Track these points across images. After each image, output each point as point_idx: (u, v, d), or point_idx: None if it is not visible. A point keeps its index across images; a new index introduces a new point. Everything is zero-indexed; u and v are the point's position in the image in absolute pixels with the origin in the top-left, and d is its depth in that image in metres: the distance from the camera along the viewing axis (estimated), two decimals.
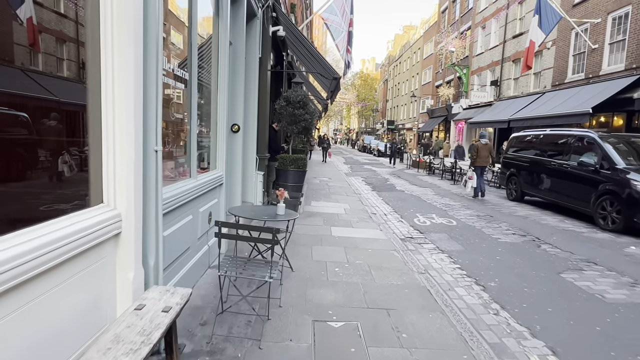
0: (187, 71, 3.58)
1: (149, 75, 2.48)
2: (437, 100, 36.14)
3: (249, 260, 3.44)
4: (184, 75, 3.53)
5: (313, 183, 13.47)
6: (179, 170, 3.73)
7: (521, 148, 11.60)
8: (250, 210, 4.29)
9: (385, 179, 16.77)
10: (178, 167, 3.73)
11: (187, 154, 3.75)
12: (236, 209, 4.27)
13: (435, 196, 12.05)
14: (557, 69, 18.53)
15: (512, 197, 11.55)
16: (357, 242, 6.03)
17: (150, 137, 2.51)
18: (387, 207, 9.84)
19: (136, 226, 2.31)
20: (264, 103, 7.30)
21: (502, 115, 20.93)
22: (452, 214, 9.10)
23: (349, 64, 15.38)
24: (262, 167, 7.41)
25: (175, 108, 3.47)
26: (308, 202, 9.37)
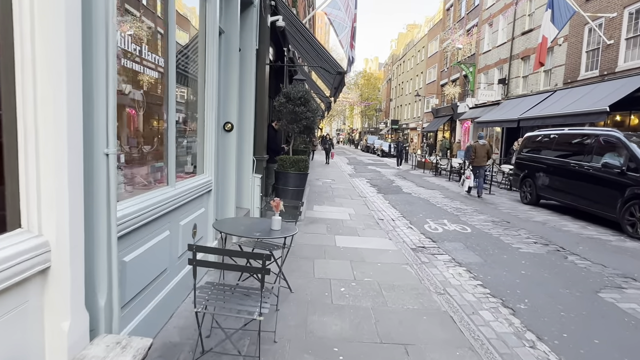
0: (162, 57, 2.97)
1: (95, 55, 1.87)
2: (442, 100, 35.45)
3: (237, 286, 2.82)
4: (157, 61, 2.91)
5: (316, 185, 12.85)
6: (155, 177, 3.11)
7: (536, 148, 10.94)
8: (240, 224, 3.65)
9: (391, 181, 16.13)
10: (154, 172, 3.12)
11: (164, 157, 3.14)
12: (225, 222, 3.64)
13: (445, 199, 11.40)
14: (569, 66, 17.84)
15: (527, 200, 10.89)
16: (365, 254, 5.40)
17: (98, 137, 1.91)
18: (395, 212, 9.21)
19: (73, 257, 1.69)
20: (262, 100, 6.69)
21: (511, 114, 20.24)
22: (466, 220, 8.46)
23: (352, 60, 14.75)
24: (260, 170, 6.80)
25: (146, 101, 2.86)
26: (310, 207, 8.75)
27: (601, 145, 8.48)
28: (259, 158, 6.74)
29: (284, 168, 6.80)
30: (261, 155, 6.79)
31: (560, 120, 15.29)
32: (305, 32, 7.79)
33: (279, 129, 7.47)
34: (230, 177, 5.27)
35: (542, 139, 10.74)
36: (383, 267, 4.91)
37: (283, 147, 8.03)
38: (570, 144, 9.60)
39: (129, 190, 2.70)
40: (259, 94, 6.68)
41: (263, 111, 6.76)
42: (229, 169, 5.26)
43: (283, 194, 6.92)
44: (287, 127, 6.94)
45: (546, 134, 10.67)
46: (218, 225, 3.25)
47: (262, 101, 6.72)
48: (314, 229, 6.68)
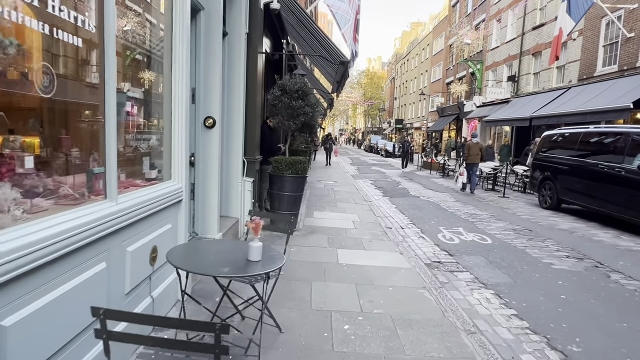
0: (91, 17, 2.12)
1: None
2: (447, 98, 34.52)
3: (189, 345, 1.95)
4: (83, 23, 2.07)
5: (317, 188, 12.00)
6: (92, 187, 2.27)
7: (556, 148, 10.04)
8: (208, 251, 2.69)
9: (397, 182, 15.26)
10: (90, 181, 2.27)
11: (103, 160, 2.29)
12: (187, 251, 2.68)
13: (457, 203, 10.52)
14: (584, 61, 16.91)
15: (547, 204, 9.99)
16: (373, 273, 4.54)
17: None
18: (403, 218, 8.34)
19: None
20: (254, 94, 5.85)
21: (522, 113, 19.33)
22: (483, 228, 7.58)
23: (356, 54, 13.88)
24: (251, 173, 5.96)
25: (61, 81, 2.02)
26: (310, 213, 7.90)
27: (635, 145, 7.59)
28: (250, 159, 5.91)
29: (279, 171, 5.96)
30: (253, 156, 5.95)
31: (578, 119, 14.38)
32: (304, 18, 6.95)
33: (275, 126, 6.62)
34: (212, 181, 4.43)
35: (564, 137, 9.84)
36: (396, 292, 4.05)
37: (279, 146, 7.19)
38: (597, 143, 8.70)
39: (42, 209, 1.86)
40: (250, 87, 5.84)
41: (255, 106, 5.92)
42: (210, 172, 4.42)
43: (278, 201, 6.08)
44: (283, 124, 6.09)
45: (569, 133, 9.77)
46: (172, 257, 2.34)
47: (253, 95, 5.88)
48: (313, 241, 5.82)
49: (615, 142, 8.06)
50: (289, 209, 6.09)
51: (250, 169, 5.95)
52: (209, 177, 4.42)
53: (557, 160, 9.77)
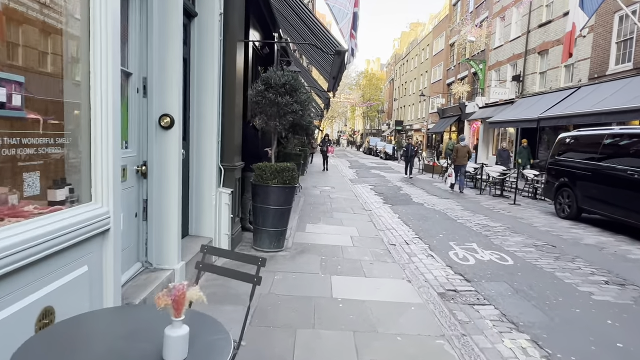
0: None
1: None
2: (448, 99, 33.64)
3: None
4: None
5: (312, 194, 11.05)
6: None
7: (575, 151, 9.12)
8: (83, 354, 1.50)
9: (398, 187, 14.32)
10: None
11: None
12: (45, 350, 1.46)
13: (466, 212, 9.58)
14: (595, 59, 16.01)
15: (565, 214, 9.06)
16: (375, 313, 3.59)
17: None
18: (408, 231, 7.40)
19: None
20: (232, 89, 4.90)
21: (528, 114, 18.43)
22: (499, 244, 6.64)
23: (353, 52, 12.96)
24: (230, 182, 5.01)
25: None
26: (302, 226, 6.95)
27: None
28: (228, 166, 4.96)
29: (263, 180, 5.00)
30: (232, 163, 5.00)
31: (591, 119, 13.45)
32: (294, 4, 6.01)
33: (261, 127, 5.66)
34: (170, 196, 3.47)
35: (584, 140, 8.92)
36: (406, 344, 3.09)
37: (267, 150, 6.24)
38: (624, 145, 7.77)
39: None
40: (228, 82, 4.90)
41: (235, 104, 4.97)
42: (168, 184, 3.46)
43: (261, 216, 5.12)
44: (267, 124, 5.14)
45: (589, 134, 8.85)
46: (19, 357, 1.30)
47: (232, 91, 4.93)
48: (302, 264, 4.86)
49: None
50: (275, 225, 5.14)
51: (228, 178, 5.01)
52: (167, 190, 3.46)
53: (576, 165, 8.84)
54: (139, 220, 3.40)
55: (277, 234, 5.21)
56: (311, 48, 10.09)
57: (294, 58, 13.06)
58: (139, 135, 3.31)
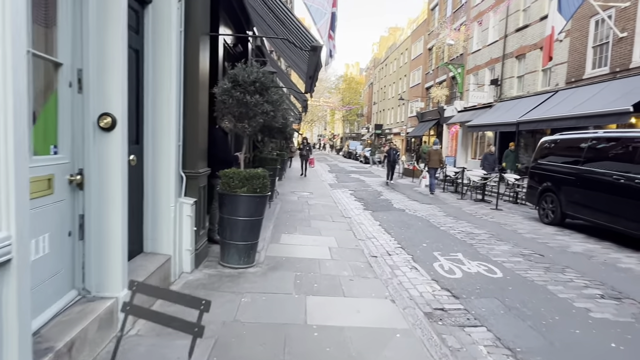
0: None
1: None
2: (427, 103, 33.72)
3: None
4: None
5: (289, 201, 10.54)
6: None
7: (558, 155, 8.92)
8: None
9: (378, 192, 13.95)
10: None
11: None
12: None
13: (448, 218, 9.25)
14: (572, 63, 16.09)
15: (549, 219, 8.83)
16: (356, 344, 3.11)
17: None
18: (390, 240, 6.98)
19: None
20: (195, 88, 4.37)
21: (507, 117, 18.43)
22: (486, 253, 6.28)
23: (331, 53, 12.56)
24: (194, 191, 4.47)
25: None
26: (277, 237, 6.43)
27: None
28: (191, 173, 4.42)
29: (231, 188, 4.48)
30: (195, 170, 4.46)
31: (571, 123, 13.43)
32: None
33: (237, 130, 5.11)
34: (113, 210, 2.92)
35: (567, 143, 8.72)
36: None
37: (237, 155, 5.70)
38: (609, 150, 7.57)
39: None
40: (190, 78, 4.37)
41: (197, 104, 4.44)
42: (110, 195, 2.91)
43: (229, 229, 4.59)
44: (235, 126, 4.61)
45: (573, 138, 8.65)
46: None
47: (194, 89, 4.40)
48: (275, 282, 4.35)
49: (636, 149, 6.93)
50: (245, 238, 4.62)
51: (192, 187, 4.47)
52: (109, 203, 2.91)
53: (560, 170, 8.63)
54: (74, 240, 2.84)
55: (247, 248, 4.68)
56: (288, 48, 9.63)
57: (271, 59, 12.56)
58: (72, 138, 2.76)
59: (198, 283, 4.13)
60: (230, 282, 4.23)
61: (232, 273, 4.51)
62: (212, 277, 4.33)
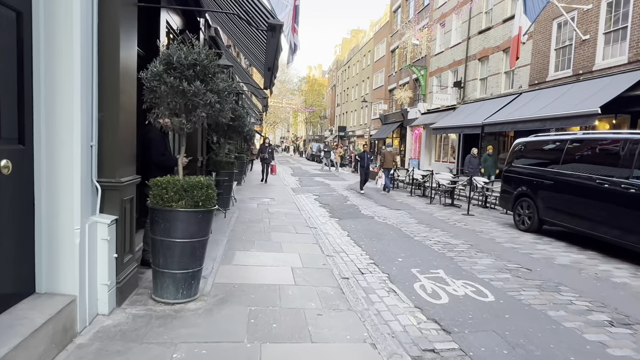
0: None
1: None
2: (391, 105, 33.52)
3: None
4: None
5: (248, 209, 9.50)
6: None
7: (534, 159, 8.45)
8: None
9: (344, 198, 13.16)
10: None
11: None
12: None
13: (421, 226, 8.56)
14: (535, 66, 16.06)
15: (525, 226, 8.33)
16: None
17: None
18: (361, 254, 6.15)
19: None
20: (113, 70, 3.32)
21: (471, 120, 18.24)
22: (469, 269, 5.57)
23: (295, 48, 11.64)
24: (114, 205, 3.41)
25: None
26: (230, 255, 5.42)
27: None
28: (111, 183, 3.37)
29: (164, 201, 3.46)
30: (115, 178, 3.40)
31: (537, 125, 13.25)
32: None
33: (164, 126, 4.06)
34: None
35: (546, 146, 8.27)
36: None
37: (176, 158, 4.65)
38: (593, 152, 7.12)
39: None
40: (108, 61, 3.31)
41: (117, 92, 3.38)
42: None
43: (163, 254, 3.56)
44: (172, 121, 3.58)
45: (550, 140, 8.21)
46: None
47: (113, 73, 3.34)
48: (221, 324, 3.37)
49: (619, 151, 6.49)
50: (184, 265, 3.60)
51: (111, 200, 3.41)
52: None
53: (536, 173, 8.15)
54: None
55: (186, 278, 3.67)
56: (246, 37, 8.63)
57: (228, 54, 11.47)
58: None
59: (116, 331, 3.08)
60: (162, 326, 3.21)
61: (166, 312, 3.48)
62: (138, 320, 3.28)
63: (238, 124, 8.91)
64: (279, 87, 54.90)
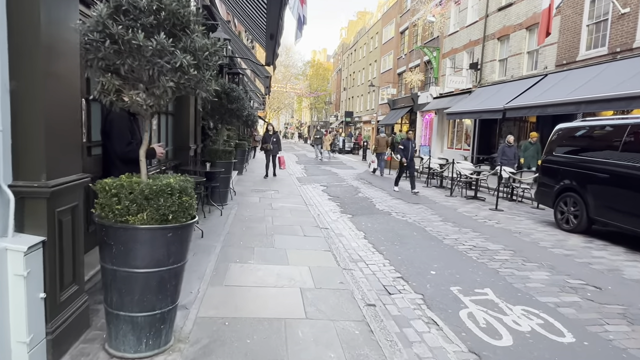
0: None
1: None
2: (399, 89, 32.07)
3: None
4: None
5: (248, 204, 8.38)
6: None
7: (584, 147, 7.23)
8: None
9: (355, 189, 12.01)
10: None
11: None
12: None
13: (448, 225, 7.41)
14: (563, 44, 14.64)
15: (571, 226, 7.16)
16: None
17: None
18: (383, 265, 5.03)
19: None
20: (33, 11, 2.18)
21: (490, 104, 16.90)
22: (523, 288, 4.42)
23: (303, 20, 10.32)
24: (39, 221, 2.29)
25: None
26: (222, 271, 4.32)
27: None
28: (31, 189, 2.22)
29: (116, 215, 2.33)
30: (40, 181, 2.26)
31: (569, 109, 11.95)
32: None
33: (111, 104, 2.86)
34: None
35: (598, 132, 7.03)
36: None
37: (152, 147, 3.50)
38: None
39: None
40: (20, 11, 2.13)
41: (37, 53, 2.22)
42: None
43: (118, 291, 2.44)
44: (127, 94, 2.42)
45: (609, 125, 6.95)
46: None
47: (32, 18, 2.17)
48: None
49: None
50: (148, 306, 2.48)
51: (35, 213, 2.29)
52: None
53: (586, 165, 6.93)
54: None
55: (152, 322, 2.55)
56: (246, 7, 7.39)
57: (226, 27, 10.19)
58: None
59: None
60: None
61: None
62: None
63: (237, 106, 7.73)
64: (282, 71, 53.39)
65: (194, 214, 2.66)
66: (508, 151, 11.47)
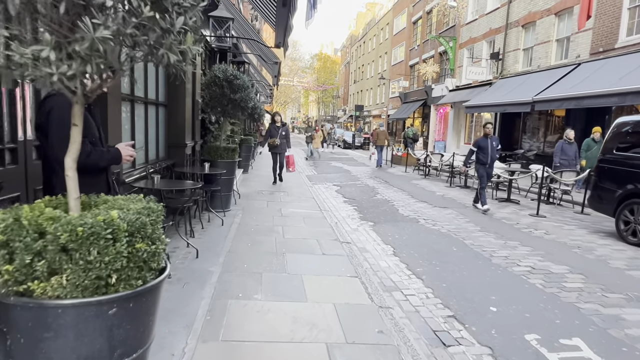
0: None
1: None
2: (412, 82, 30.74)
3: None
4: None
5: (254, 209, 7.28)
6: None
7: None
8: None
9: (371, 189, 10.88)
10: None
11: None
12: None
13: (490, 237, 6.25)
14: (599, 30, 13.31)
15: (639, 239, 5.97)
16: None
17: None
18: (426, 295, 3.92)
19: None
20: None
21: (516, 96, 15.62)
22: (623, 337, 3.29)
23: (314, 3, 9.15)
24: None
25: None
26: (219, 310, 3.23)
27: None
28: None
29: (7, 282, 1.27)
30: None
31: (612, 101, 10.72)
32: None
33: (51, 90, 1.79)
34: None
35: None
36: None
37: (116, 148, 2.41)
38: None
39: None
40: None
41: None
42: None
43: None
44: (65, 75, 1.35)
45: None
46: None
47: None
48: None
49: None
50: None
51: None
52: None
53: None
54: None
55: None
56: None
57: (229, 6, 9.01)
58: None
59: None
60: None
61: None
62: None
63: (241, 96, 6.61)
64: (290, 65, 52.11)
65: (161, 266, 1.55)
66: (568, 149, 9.82)
